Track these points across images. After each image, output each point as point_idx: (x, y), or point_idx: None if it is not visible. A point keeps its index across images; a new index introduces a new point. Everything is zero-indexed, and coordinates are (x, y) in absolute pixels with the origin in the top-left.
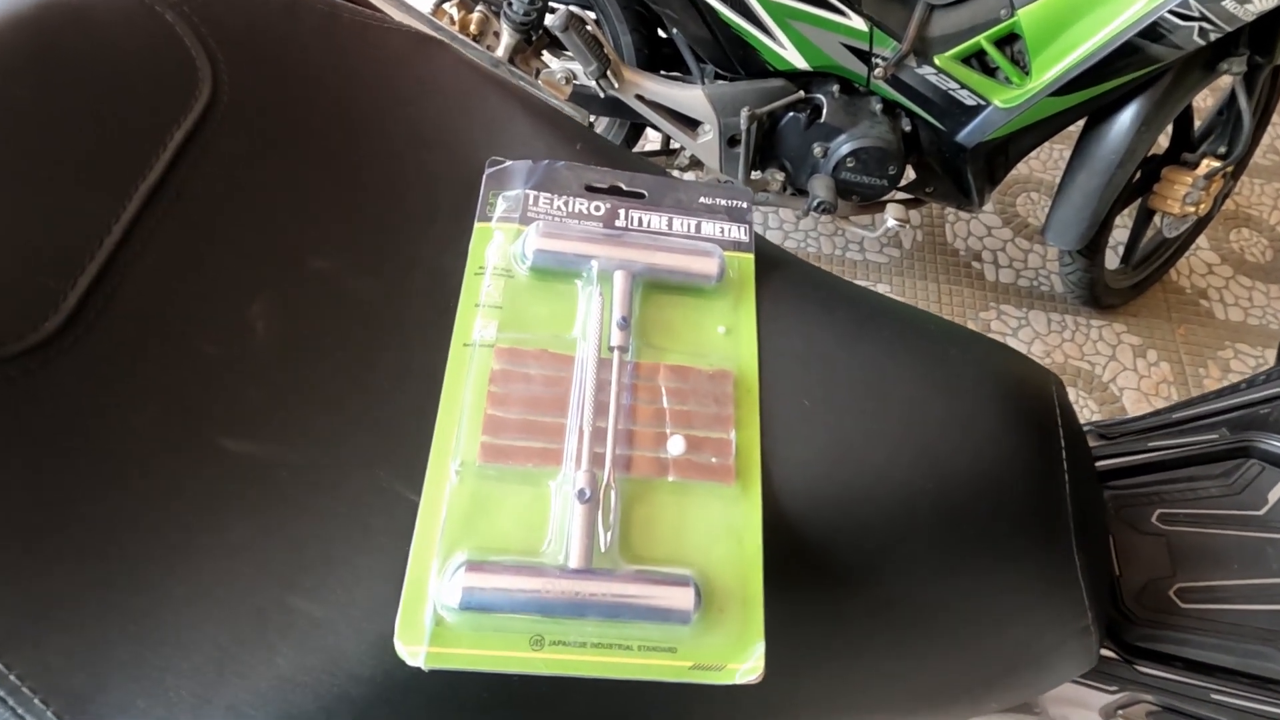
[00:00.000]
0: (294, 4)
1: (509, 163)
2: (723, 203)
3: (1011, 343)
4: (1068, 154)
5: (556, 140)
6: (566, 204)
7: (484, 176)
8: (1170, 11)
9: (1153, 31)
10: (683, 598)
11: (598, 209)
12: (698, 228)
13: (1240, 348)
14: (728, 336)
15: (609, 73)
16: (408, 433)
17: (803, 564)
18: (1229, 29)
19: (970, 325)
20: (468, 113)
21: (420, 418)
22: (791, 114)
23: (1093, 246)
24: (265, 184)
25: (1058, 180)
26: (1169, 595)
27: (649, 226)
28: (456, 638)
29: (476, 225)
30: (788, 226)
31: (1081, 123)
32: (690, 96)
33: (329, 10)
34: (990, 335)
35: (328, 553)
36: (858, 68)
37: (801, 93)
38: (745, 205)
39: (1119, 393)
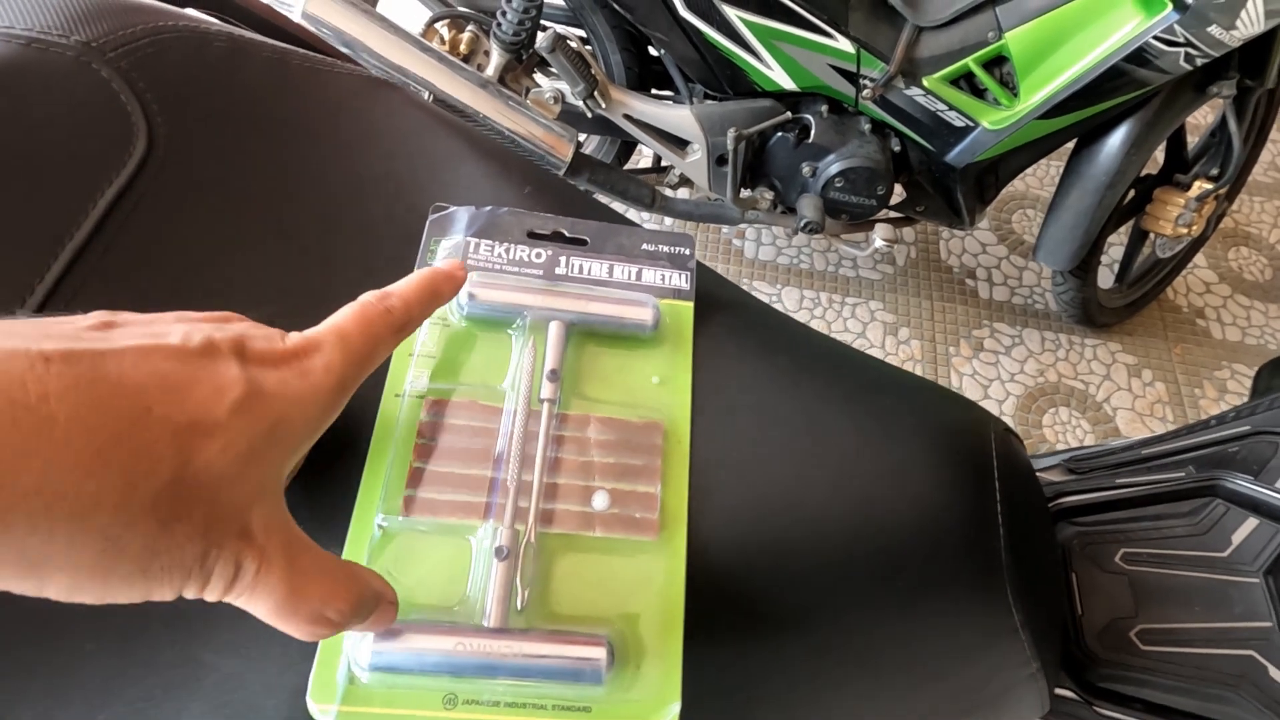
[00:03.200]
0: (237, 51)
1: (451, 209)
2: (665, 249)
3: (1004, 361)
4: None
5: (504, 184)
6: (507, 251)
7: (427, 223)
8: (1156, 37)
9: (1139, 57)
10: (595, 656)
11: (538, 256)
12: (638, 275)
13: (1237, 368)
14: (661, 386)
15: (596, 93)
16: (334, 484)
17: (730, 616)
18: (1215, 54)
19: (964, 343)
20: (414, 156)
21: (347, 469)
22: (780, 134)
23: (1084, 266)
24: (198, 236)
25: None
26: (1130, 636)
27: (589, 274)
28: (368, 696)
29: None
30: (780, 242)
31: (1073, 142)
32: (678, 116)
33: (276, 56)
34: (983, 353)
35: None
36: (846, 89)
37: (789, 113)
38: (687, 252)
39: (1113, 413)
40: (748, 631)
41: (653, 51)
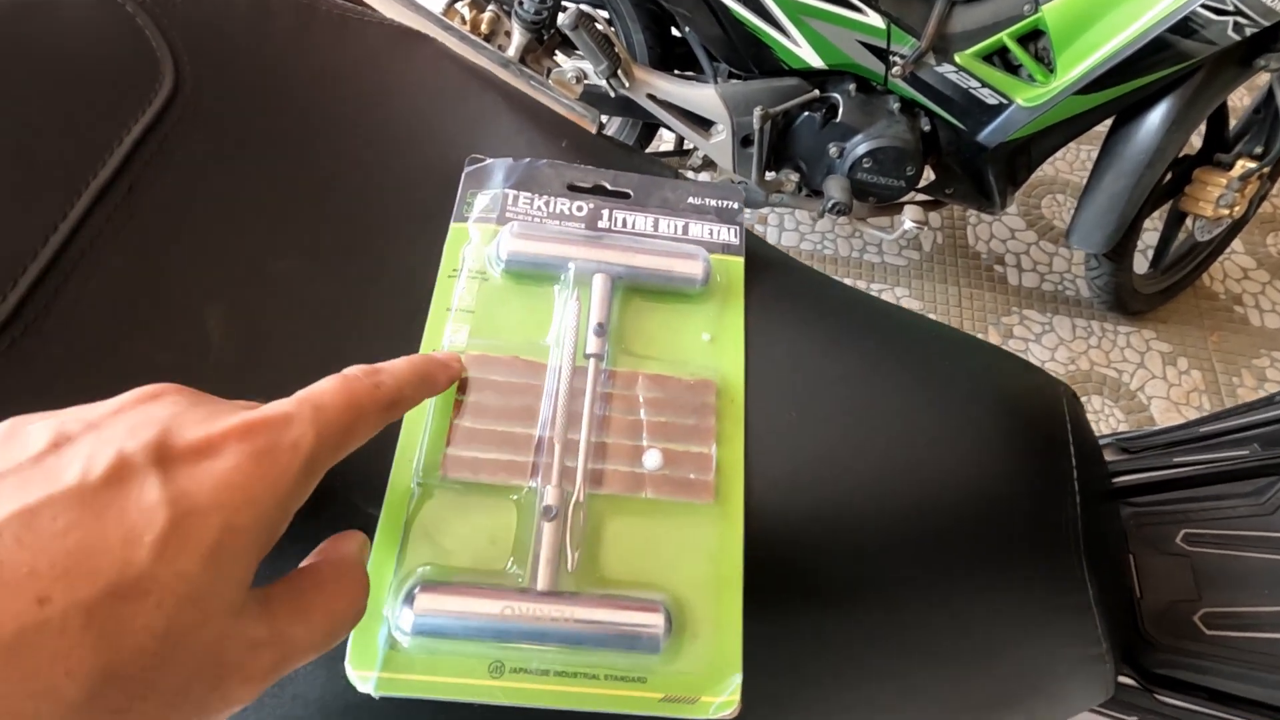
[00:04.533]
0: None
1: (488, 160)
2: (712, 203)
3: (1034, 349)
4: (1095, 155)
5: (541, 137)
6: (547, 204)
7: (462, 175)
8: (1204, 5)
9: (1185, 26)
10: (652, 623)
11: (579, 209)
12: (685, 229)
13: (1276, 356)
14: (712, 344)
15: (619, 71)
16: (371, 443)
17: (786, 587)
18: (1266, 23)
19: (992, 330)
20: (448, 109)
21: (385, 429)
22: (806, 113)
23: (1120, 250)
24: (226, 182)
25: (1084, 181)
26: (1193, 620)
27: (633, 228)
28: (410, 663)
29: (452, 225)
30: (804, 228)
31: (1109, 121)
32: (703, 96)
33: (305, 4)
34: (1012, 340)
35: (278, 567)
36: (875, 66)
37: (817, 91)
38: (736, 206)
39: (1147, 401)
40: (807, 602)
41: (675, 32)
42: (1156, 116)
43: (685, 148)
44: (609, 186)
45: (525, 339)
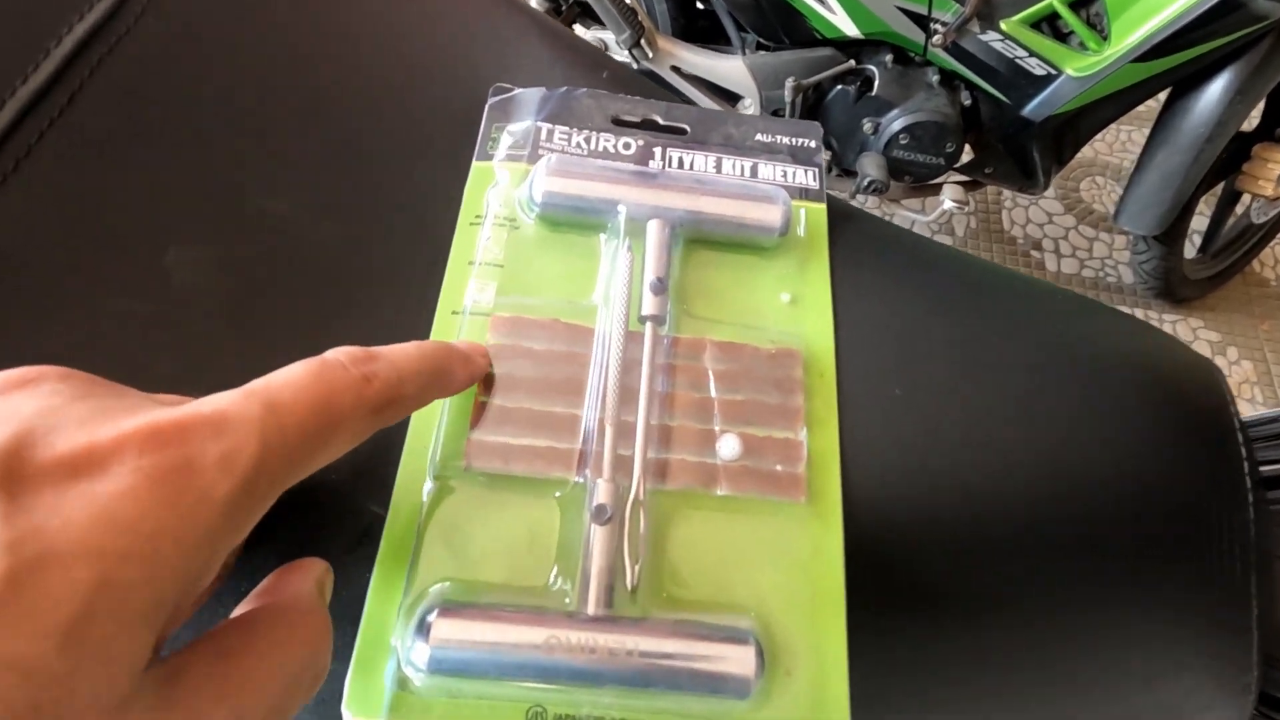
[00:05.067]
0: None
1: (517, 91)
2: (785, 140)
3: None
4: (1137, 135)
5: (577, 67)
6: (588, 140)
7: (486, 107)
8: None
9: None
10: (740, 660)
11: (627, 146)
12: (754, 170)
13: None
14: (793, 306)
15: (643, 41)
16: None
17: (899, 606)
18: None
19: None
20: (468, 32)
21: None
22: (840, 86)
23: (1172, 232)
24: (199, 98)
25: (1125, 163)
26: None
27: (692, 168)
28: (425, 708)
29: (474, 165)
30: None
31: (1158, 97)
32: (730, 68)
33: None
34: None
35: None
36: (914, 34)
37: (852, 62)
38: (814, 144)
39: None
40: (926, 625)
41: (699, 4)
42: (1218, 87)
43: None
44: (661, 121)
45: (566, 298)
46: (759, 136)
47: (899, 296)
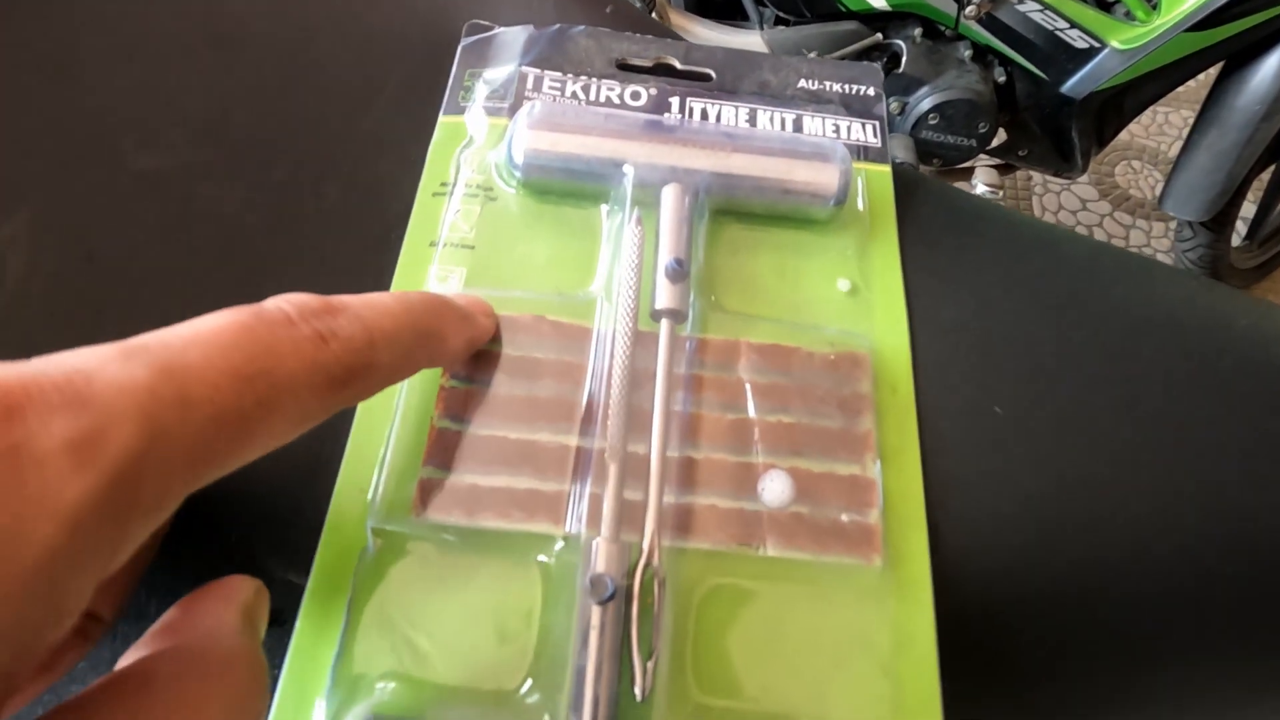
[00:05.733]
0: None
1: (498, 30)
2: (836, 88)
3: None
4: (1174, 118)
5: (573, 2)
6: (586, 88)
7: (459, 49)
8: None
9: None
10: None
11: (636, 96)
12: (797, 124)
13: None
14: (855, 297)
15: (653, 14)
16: (298, 464)
17: (1014, 706)
18: None
19: None
20: None
21: (323, 437)
22: (865, 63)
23: (1221, 218)
24: (68, 38)
25: (1163, 147)
26: None
27: (719, 121)
28: None
29: (441, 119)
30: None
31: (1203, 75)
32: (748, 43)
33: None
34: None
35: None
36: (946, 6)
37: (878, 36)
38: (873, 92)
39: None
40: None
41: None
42: (1275, 61)
43: None
44: (679, 65)
45: (555, 288)
46: (802, 83)
47: (990, 282)
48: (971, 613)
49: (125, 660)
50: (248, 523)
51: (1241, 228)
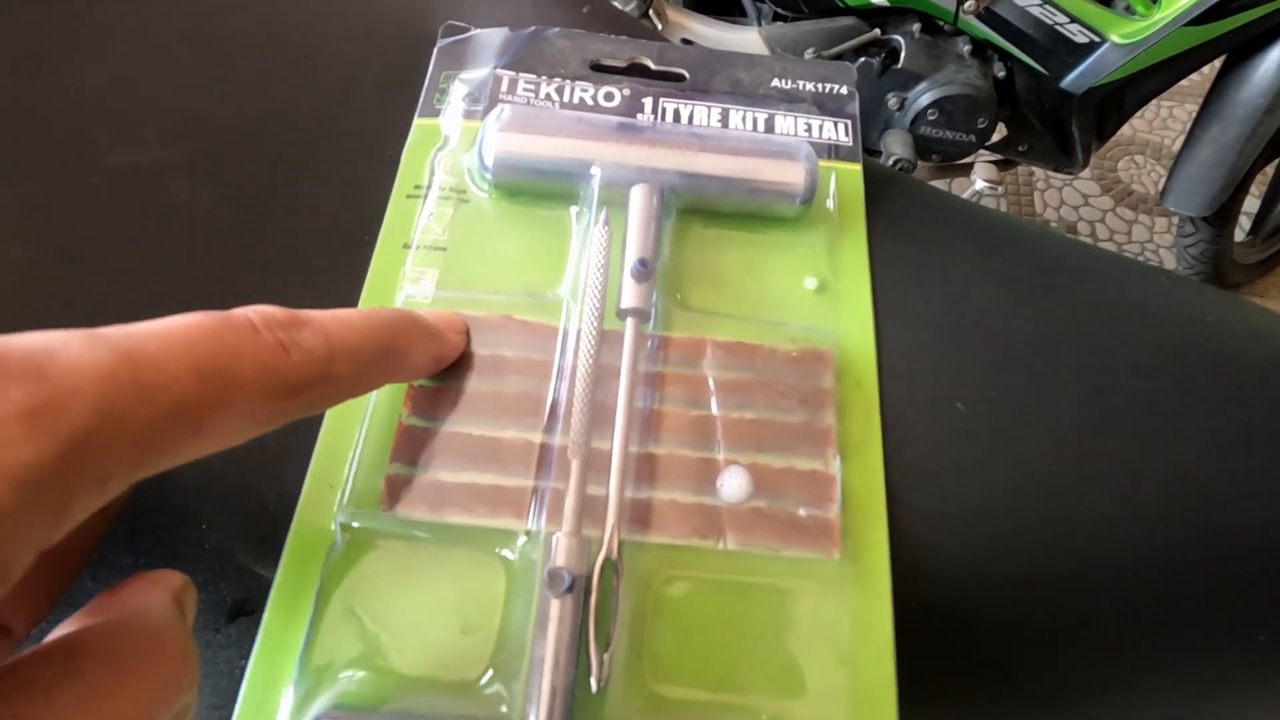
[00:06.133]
0: None
1: (474, 31)
2: (809, 87)
3: None
4: (1179, 112)
5: (549, 4)
6: (560, 90)
7: (435, 51)
8: None
9: None
10: None
11: (609, 97)
12: (769, 124)
13: None
14: (821, 295)
15: (651, 11)
16: (268, 457)
17: (968, 701)
18: None
19: None
20: None
21: (294, 432)
22: (863, 59)
23: (1223, 213)
24: (43, 33)
25: (1166, 141)
26: None
27: (691, 121)
28: None
29: (416, 122)
30: None
31: (1205, 69)
32: (745, 40)
33: None
34: None
35: None
36: (945, 1)
37: (876, 32)
38: (845, 91)
39: None
40: None
41: None
42: (1278, 54)
43: None
44: (652, 65)
45: (525, 289)
46: (775, 82)
47: (958, 278)
48: (929, 603)
49: (57, 632)
50: (217, 515)
51: (1245, 223)
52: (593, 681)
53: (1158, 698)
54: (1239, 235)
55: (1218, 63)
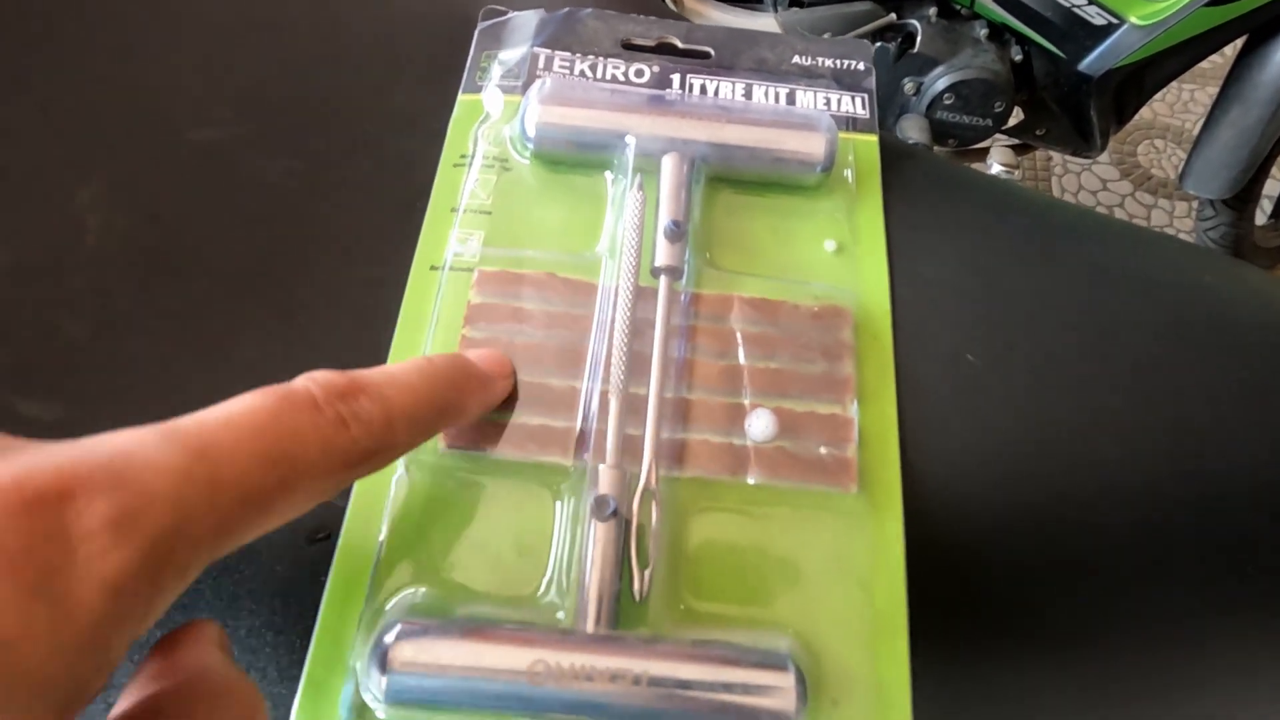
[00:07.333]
0: None
1: (512, 13)
2: (828, 63)
3: None
4: (1200, 95)
5: None
6: (593, 67)
7: (476, 32)
8: None
9: None
10: (776, 689)
11: (639, 74)
12: (790, 97)
13: None
14: (840, 255)
15: (667, 0)
16: None
17: (974, 622)
18: None
19: None
20: None
21: None
22: (879, 43)
23: (1244, 196)
24: (125, 13)
25: (1186, 125)
26: None
27: (717, 95)
28: None
29: (460, 97)
30: None
31: (1225, 51)
32: (761, 25)
33: None
34: None
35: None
36: None
37: (892, 16)
38: (863, 67)
39: None
40: (1006, 648)
41: None
42: None
43: None
44: (680, 44)
45: (565, 249)
46: (796, 59)
47: (969, 242)
48: (938, 533)
49: (123, 704)
50: None
51: (1266, 206)
52: (635, 592)
53: (1156, 627)
54: (1260, 219)
55: (1239, 44)
